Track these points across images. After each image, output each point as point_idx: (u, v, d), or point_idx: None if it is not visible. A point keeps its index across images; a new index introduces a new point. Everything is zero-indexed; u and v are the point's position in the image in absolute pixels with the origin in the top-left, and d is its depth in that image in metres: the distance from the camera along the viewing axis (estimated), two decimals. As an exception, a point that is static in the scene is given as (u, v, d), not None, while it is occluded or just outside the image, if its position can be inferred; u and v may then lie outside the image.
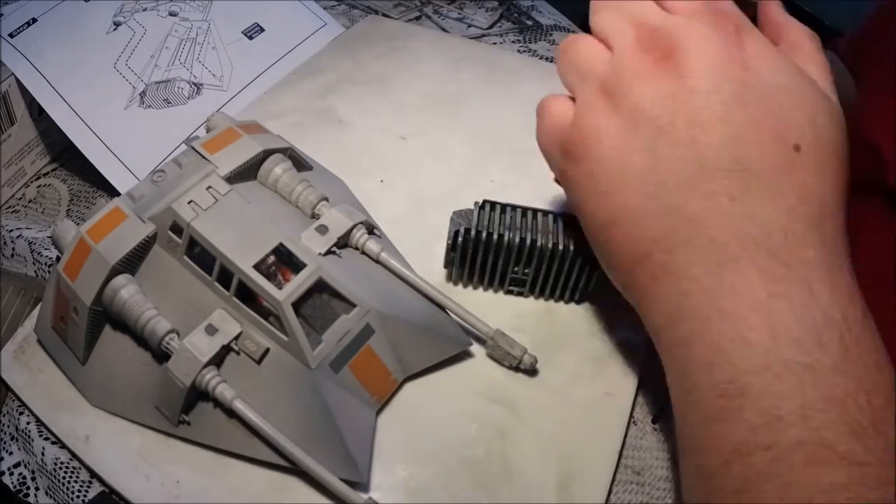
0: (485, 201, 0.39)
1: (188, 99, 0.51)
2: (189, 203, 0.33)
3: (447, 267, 0.39)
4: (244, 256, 0.32)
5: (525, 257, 0.38)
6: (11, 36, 0.46)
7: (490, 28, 0.65)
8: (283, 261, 0.33)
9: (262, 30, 0.56)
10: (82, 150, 0.46)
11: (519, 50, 0.62)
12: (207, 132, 0.38)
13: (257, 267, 0.32)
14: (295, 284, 0.32)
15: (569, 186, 0.31)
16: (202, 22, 0.54)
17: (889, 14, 0.47)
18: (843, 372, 0.22)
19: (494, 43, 0.63)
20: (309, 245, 0.35)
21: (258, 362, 0.32)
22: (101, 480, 0.33)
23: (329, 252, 0.35)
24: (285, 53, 0.56)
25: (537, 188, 0.47)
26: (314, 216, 0.37)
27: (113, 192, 0.46)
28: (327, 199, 0.37)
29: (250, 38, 0.55)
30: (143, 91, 0.49)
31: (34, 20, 0.48)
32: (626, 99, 0.27)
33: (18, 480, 0.34)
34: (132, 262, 0.33)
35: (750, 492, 0.22)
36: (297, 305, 0.32)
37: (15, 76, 0.45)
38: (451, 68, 0.56)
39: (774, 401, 0.22)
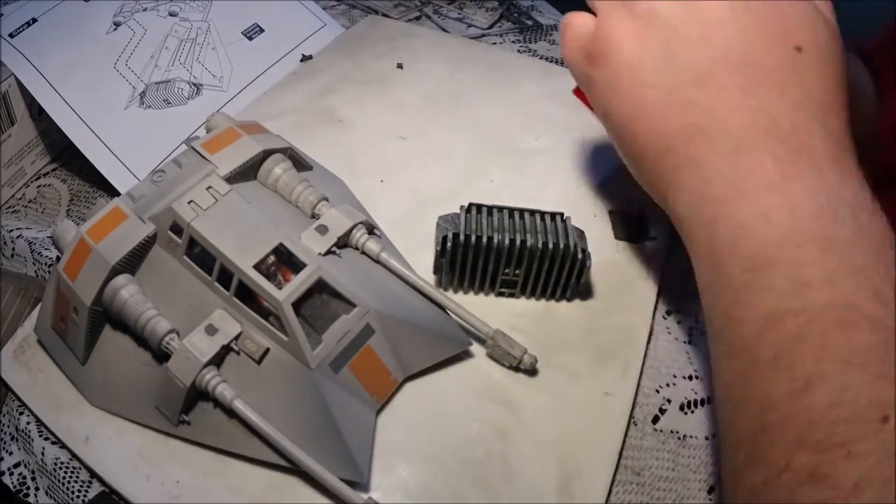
0: (470, 204, 0.39)
1: (188, 99, 0.51)
2: (189, 203, 0.33)
3: (436, 273, 0.39)
4: (244, 256, 0.32)
5: (515, 258, 0.38)
6: (11, 36, 0.46)
7: (490, 28, 0.65)
8: (283, 261, 0.33)
9: (262, 30, 0.56)
10: (82, 150, 0.46)
11: (519, 50, 0.62)
12: (207, 132, 0.38)
13: (257, 267, 0.32)
14: (295, 284, 0.32)
15: (593, 90, 0.32)
16: (202, 22, 0.54)
17: None
18: (861, 244, 0.24)
19: (494, 43, 0.63)
20: (309, 245, 0.35)
21: (258, 362, 0.32)
22: (101, 480, 0.33)
23: (329, 252, 0.35)
24: (285, 54, 0.56)
25: (537, 188, 0.47)
26: (314, 216, 0.37)
27: (113, 192, 0.46)
28: (327, 199, 0.37)
29: (250, 39, 0.55)
30: (143, 91, 0.49)
31: (34, 20, 0.48)
32: (641, 4, 0.29)
33: (18, 480, 0.34)
34: (132, 262, 0.33)
35: (784, 358, 0.23)
36: (297, 305, 0.32)
37: (15, 76, 0.45)
38: (451, 68, 0.56)
39: (800, 269, 0.24)
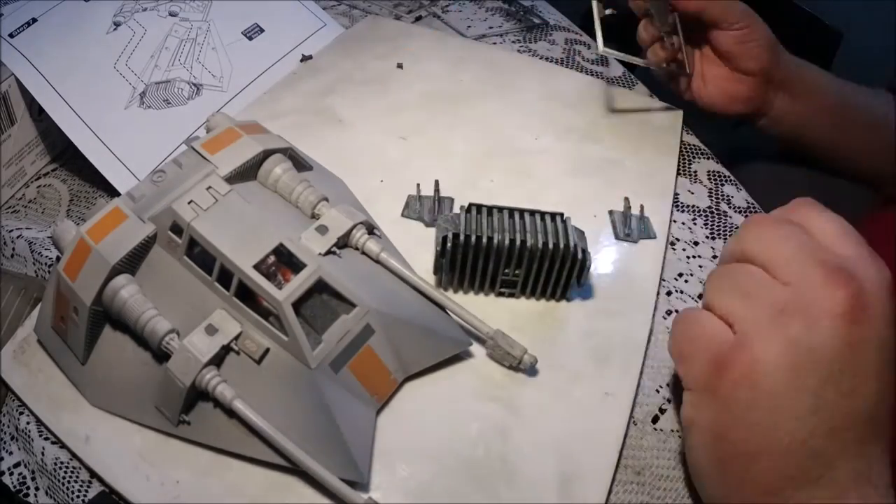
0: (470, 205, 0.39)
1: (188, 99, 0.51)
2: (189, 203, 0.33)
3: (436, 273, 0.39)
4: (244, 256, 0.32)
5: (515, 258, 0.38)
6: (11, 36, 0.46)
7: (490, 28, 0.65)
8: (284, 261, 0.33)
9: (262, 30, 0.56)
10: (82, 150, 0.46)
11: (519, 50, 0.62)
12: (207, 132, 0.38)
13: (257, 267, 0.32)
14: (295, 284, 0.32)
15: (711, 404, 0.30)
16: (202, 22, 0.54)
17: None
18: None
19: (494, 43, 0.63)
20: (309, 245, 0.35)
21: (258, 362, 0.32)
22: (101, 480, 0.33)
23: (329, 252, 0.35)
24: (285, 54, 0.56)
25: (537, 188, 0.47)
26: (314, 216, 0.37)
27: (113, 192, 0.46)
28: (327, 199, 0.37)
29: (250, 39, 0.55)
30: (143, 91, 0.49)
31: (34, 20, 0.48)
32: (812, 336, 0.27)
33: (18, 480, 0.34)
34: (132, 262, 0.33)
35: None
36: (297, 305, 0.32)
37: (15, 76, 0.45)
38: (451, 68, 0.56)
39: None
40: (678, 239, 0.46)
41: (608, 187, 0.47)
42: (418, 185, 0.44)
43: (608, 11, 0.49)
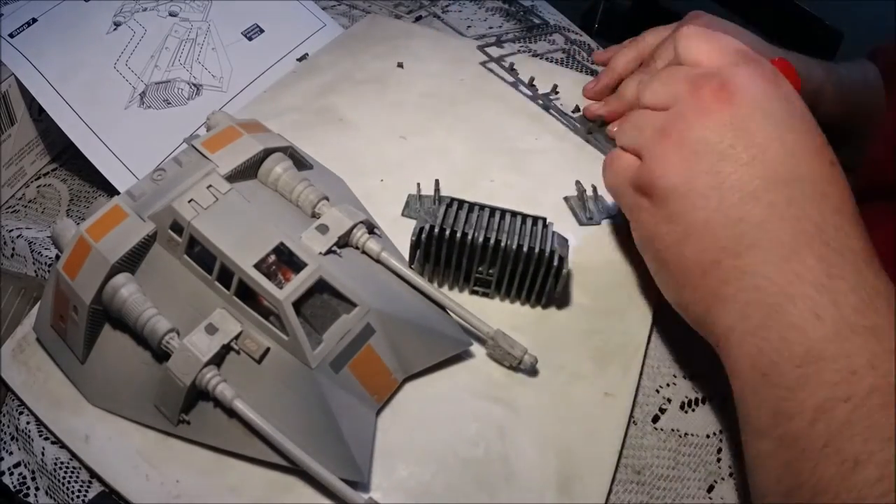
0: (452, 199, 0.39)
1: (188, 99, 0.51)
2: (189, 202, 0.33)
3: (411, 264, 0.39)
4: (244, 255, 0.32)
5: (489, 257, 0.37)
6: (11, 36, 0.46)
7: (490, 28, 0.65)
8: (284, 260, 0.33)
9: (262, 31, 0.56)
10: (82, 150, 0.46)
11: (519, 50, 0.62)
12: (208, 131, 0.38)
13: (258, 266, 0.32)
14: (295, 284, 0.32)
15: (640, 216, 0.34)
16: (202, 22, 0.54)
17: None
18: None
19: (494, 43, 0.63)
20: (309, 244, 0.35)
21: (258, 362, 0.32)
22: (101, 480, 0.33)
23: (329, 251, 0.35)
24: (285, 54, 0.56)
25: (537, 188, 0.47)
26: (314, 215, 0.37)
27: (113, 192, 0.46)
28: (328, 199, 0.37)
29: (250, 39, 0.55)
30: (143, 91, 0.49)
31: (34, 20, 0.48)
32: (690, 133, 0.31)
33: (18, 480, 0.34)
34: (132, 261, 0.33)
35: (834, 443, 0.25)
36: (298, 305, 0.32)
37: (15, 76, 0.45)
38: (451, 68, 0.56)
39: (848, 359, 0.26)
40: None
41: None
42: (418, 185, 0.44)
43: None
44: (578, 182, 0.45)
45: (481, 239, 0.37)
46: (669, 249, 0.33)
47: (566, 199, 0.46)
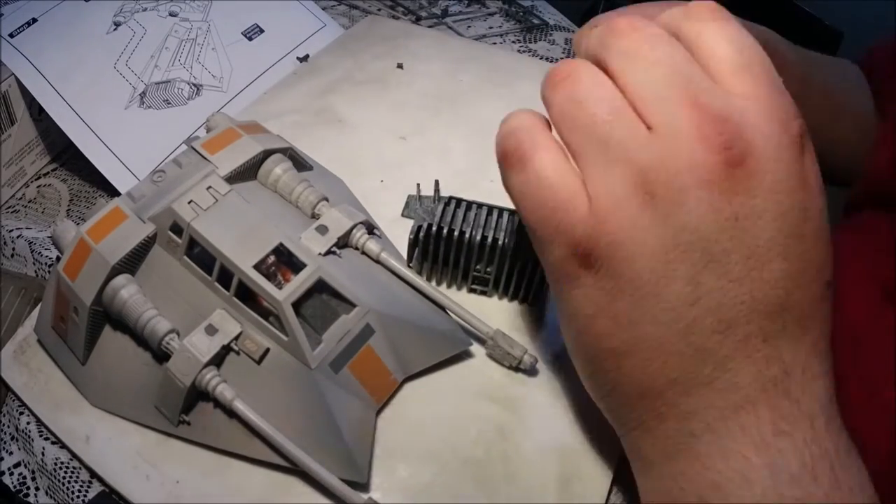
0: (450, 198, 0.39)
1: (188, 100, 0.51)
2: (189, 203, 0.33)
3: (409, 263, 0.39)
4: (244, 256, 0.32)
5: (487, 255, 0.37)
6: (11, 36, 0.46)
7: (490, 28, 0.65)
8: (283, 261, 0.33)
9: (262, 31, 0.56)
10: (82, 150, 0.46)
11: (519, 50, 0.62)
12: (207, 132, 0.38)
13: (257, 267, 0.32)
14: (295, 284, 0.32)
15: (571, 295, 0.25)
16: (202, 23, 0.54)
17: None
18: (833, 500, 0.22)
19: (494, 43, 0.63)
20: (309, 245, 0.35)
21: (258, 362, 0.32)
22: (101, 480, 0.33)
23: (329, 252, 0.35)
24: (285, 55, 0.56)
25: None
26: (314, 216, 0.37)
27: (113, 192, 0.46)
28: (327, 199, 0.37)
29: (250, 39, 0.55)
30: (143, 91, 0.49)
31: (34, 20, 0.48)
32: (679, 210, 0.22)
33: (18, 480, 0.34)
34: (132, 262, 0.33)
35: None
36: (297, 305, 0.32)
37: (15, 76, 0.45)
38: (451, 68, 0.56)
39: None
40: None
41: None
42: (418, 185, 0.44)
43: None
44: None
45: (479, 237, 0.37)
46: (607, 357, 0.25)
47: None
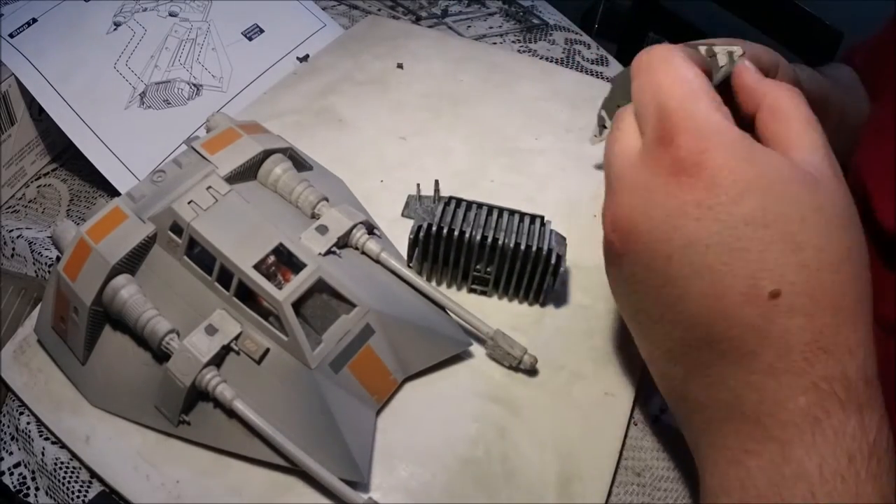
0: (450, 198, 0.39)
1: (188, 100, 0.51)
2: (189, 203, 0.33)
3: (409, 262, 0.39)
4: (244, 256, 0.32)
5: (487, 255, 0.37)
6: (11, 36, 0.46)
7: (490, 28, 0.65)
8: (283, 261, 0.33)
9: (262, 31, 0.56)
10: (82, 150, 0.46)
11: (519, 50, 0.62)
12: (207, 132, 0.38)
13: (257, 267, 0.32)
14: (295, 284, 0.32)
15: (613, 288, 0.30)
16: (202, 23, 0.54)
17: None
18: None
19: (494, 43, 0.63)
20: (309, 245, 0.35)
21: (258, 362, 0.32)
22: (101, 480, 0.33)
23: (329, 252, 0.35)
24: (285, 55, 0.56)
25: (537, 188, 0.47)
26: (314, 216, 0.37)
27: (113, 192, 0.46)
28: (327, 199, 0.37)
29: (250, 40, 0.55)
30: (143, 91, 0.49)
31: (34, 20, 0.48)
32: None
33: (18, 480, 0.34)
34: (132, 263, 0.33)
35: None
36: (297, 305, 0.32)
37: (15, 76, 0.45)
38: (451, 68, 0.56)
39: None
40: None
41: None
42: (418, 185, 0.44)
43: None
44: None
45: (479, 237, 0.37)
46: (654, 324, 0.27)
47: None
